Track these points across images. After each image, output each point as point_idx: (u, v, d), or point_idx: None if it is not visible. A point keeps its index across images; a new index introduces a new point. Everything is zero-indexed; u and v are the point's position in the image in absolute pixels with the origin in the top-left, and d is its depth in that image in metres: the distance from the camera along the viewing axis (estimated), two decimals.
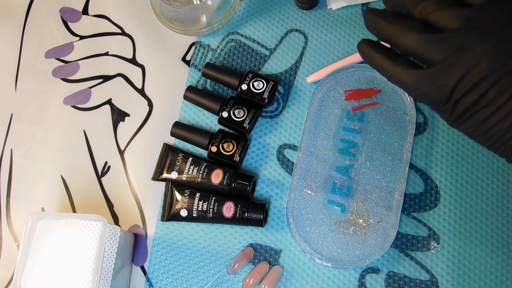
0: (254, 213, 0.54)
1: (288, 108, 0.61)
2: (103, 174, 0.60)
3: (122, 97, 0.63)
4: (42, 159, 0.62)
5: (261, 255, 0.55)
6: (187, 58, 0.64)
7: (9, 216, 0.60)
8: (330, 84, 0.59)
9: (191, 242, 0.56)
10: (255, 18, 0.65)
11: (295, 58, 0.63)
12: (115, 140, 0.62)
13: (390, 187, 0.55)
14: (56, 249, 0.50)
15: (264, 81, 0.59)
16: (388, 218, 0.54)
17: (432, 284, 0.53)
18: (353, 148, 0.56)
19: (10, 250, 0.58)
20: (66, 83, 0.65)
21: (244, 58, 0.63)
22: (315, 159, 0.57)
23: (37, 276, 0.49)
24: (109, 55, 0.66)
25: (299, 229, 0.54)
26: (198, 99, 0.60)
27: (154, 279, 0.55)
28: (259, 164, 0.59)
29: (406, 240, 0.54)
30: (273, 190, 0.57)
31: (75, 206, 0.60)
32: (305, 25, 0.64)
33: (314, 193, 0.55)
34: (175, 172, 0.57)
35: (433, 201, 0.55)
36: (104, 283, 0.50)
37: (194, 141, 0.59)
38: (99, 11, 0.68)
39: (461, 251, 0.53)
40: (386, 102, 0.58)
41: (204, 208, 0.55)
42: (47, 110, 0.64)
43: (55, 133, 0.63)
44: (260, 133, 0.60)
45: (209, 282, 0.55)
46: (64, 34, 0.67)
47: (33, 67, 0.66)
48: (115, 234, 0.52)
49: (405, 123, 0.57)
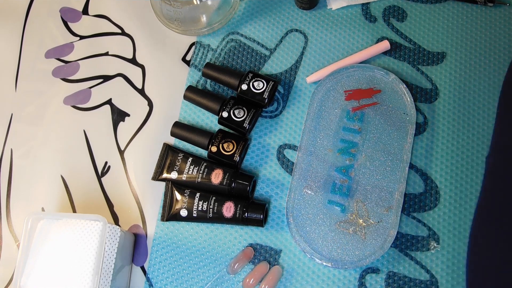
0: (254, 213, 0.54)
1: (288, 108, 0.61)
2: (103, 174, 0.60)
3: (122, 97, 0.63)
4: (42, 159, 0.62)
5: (261, 255, 0.55)
6: (187, 58, 0.64)
7: (9, 216, 0.60)
8: (330, 84, 0.59)
9: (191, 242, 0.56)
10: (255, 18, 0.65)
11: (295, 58, 0.63)
12: (115, 140, 0.62)
13: (390, 187, 0.55)
14: (56, 249, 0.50)
15: (264, 81, 0.59)
16: (388, 218, 0.54)
17: (432, 284, 0.53)
18: (353, 148, 0.56)
19: (10, 250, 0.58)
20: (66, 83, 0.65)
21: (244, 58, 0.63)
22: (315, 159, 0.57)
23: (37, 276, 0.49)
24: (109, 55, 0.66)
25: (299, 229, 0.54)
26: (198, 99, 0.60)
27: (154, 279, 0.55)
28: (259, 164, 0.59)
29: (406, 240, 0.54)
30: (273, 190, 0.57)
31: (75, 206, 0.60)
32: (305, 25, 0.64)
33: (314, 193, 0.55)
34: (175, 172, 0.57)
35: (433, 201, 0.55)
36: (104, 283, 0.50)
37: (194, 141, 0.59)
38: (99, 11, 0.68)
39: (461, 251, 0.53)
40: (386, 102, 0.58)
41: (204, 208, 0.55)
42: (47, 110, 0.64)
43: (55, 133, 0.63)
44: (260, 133, 0.60)
45: (209, 282, 0.55)
46: (64, 34, 0.67)
47: (33, 67, 0.66)
48: (115, 234, 0.52)
49: (405, 123, 0.57)
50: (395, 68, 0.61)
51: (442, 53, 0.61)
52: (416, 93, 0.59)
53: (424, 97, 0.59)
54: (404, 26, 0.63)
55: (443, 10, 0.63)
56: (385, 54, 0.61)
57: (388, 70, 0.59)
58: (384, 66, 0.61)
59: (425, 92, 0.59)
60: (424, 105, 0.59)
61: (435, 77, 0.60)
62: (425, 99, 0.59)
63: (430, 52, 0.61)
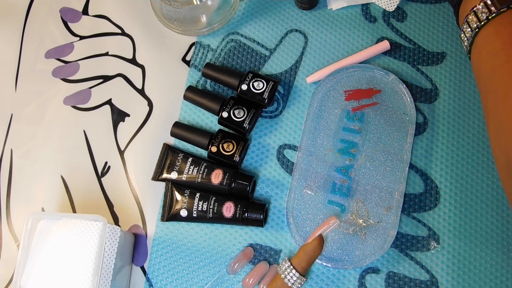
0: (254, 213, 0.54)
1: (288, 108, 0.61)
2: (103, 174, 0.60)
3: (122, 97, 0.63)
4: (42, 159, 0.62)
5: (261, 255, 0.55)
6: (187, 58, 0.64)
7: (9, 216, 0.60)
8: (330, 84, 0.59)
9: (191, 242, 0.56)
10: (255, 18, 0.65)
11: (295, 58, 0.63)
12: (115, 140, 0.62)
13: (390, 187, 0.55)
14: (56, 249, 0.50)
15: (264, 81, 0.59)
16: (388, 218, 0.54)
17: (432, 284, 0.53)
18: (353, 148, 0.57)
19: (10, 250, 0.58)
20: (66, 83, 0.65)
21: (244, 58, 0.63)
22: (315, 159, 0.57)
23: (37, 276, 0.49)
24: (109, 55, 0.66)
25: (299, 229, 0.54)
26: (198, 99, 0.60)
27: (154, 279, 0.55)
28: (259, 164, 0.59)
29: (406, 240, 0.54)
30: (273, 190, 0.57)
31: (75, 206, 0.60)
32: (305, 25, 0.64)
33: (314, 193, 0.55)
34: (175, 172, 0.57)
35: (433, 201, 0.55)
36: (104, 283, 0.50)
37: (194, 141, 0.59)
38: (99, 11, 0.68)
39: (461, 251, 0.53)
40: (386, 102, 0.58)
41: (204, 208, 0.55)
42: (47, 110, 0.64)
43: (55, 133, 0.63)
44: (260, 133, 0.60)
45: (209, 282, 0.55)
46: (64, 34, 0.67)
47: (33, 67, 0.66)
48: (115, 234, 0.52)
49: (405, 123, 0.57)
50: (395, 68, 0.61)
51: (442, 53, 0.61)
52: (416, 93, 0.59)
53: (424, 97, 0.59)
54: (404, 26, 0.63)
55: (443, 10, 0.63)
56: (385, 54, 0.61)
57: (388, 70, 0.59)
58: (384, 66, 0.61)
59: (425, 92, 0.59)
60: (424, 105, 0.59)
61: (435, 77, 0.60)
62: (425, 99, 0.59)
63: (430, 52, 0.61)
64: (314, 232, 0.50)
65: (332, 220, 0.50)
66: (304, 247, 0.50)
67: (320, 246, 0.50)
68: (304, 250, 0.50)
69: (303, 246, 0.50)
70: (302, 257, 0.49)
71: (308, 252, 0.49)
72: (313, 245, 0.49)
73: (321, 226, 0.51)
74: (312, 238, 0.50)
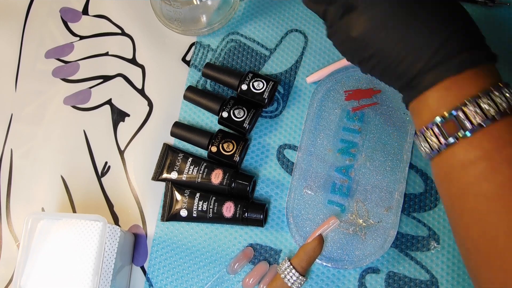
0: (254, 213, 0.54)
1: (288, 108, 0.61)
2: (103, 174, 0.60)
3: (122, 97, 0.63)
4: (42, 159, 0.62)
5: (261, 255, 0.55)
6: (187, 58, 0.64)
7: (9, 216, 0.60)
8: (330, 84, 0.59)
9: (191, 242, 0.56)
10: (255, 18, 0.65)
11: (295, 58, 0.63)
12: (115, 140, 0.62)
13: (390, 187, 0.55)
14: (56, 249, 0.50)
15: (264, 81, 0.59)
16: (388, 218, 0.54)
17: (432, 284, 0.53)
18: (353, 148, 0.57)
19: (10, 250, 0.58)
20: (66, 83, 0.65)
21: (244, 58, 0.63)
22: (315, 159, 0.57)
23: (37, 276, 0.49)
24: (109, 55, 0.66)
25: (299, 229, 0.54)
26: (198, 99, 0.60)
27: (154, 279, 0.55)
28: (259, 164, 0.59)
29: (406, 240, 0.54)
30: (273, 190, 0.57)
31: (75, 206, 0.60)
32: (305, 25, 0.64)
33: (314, 193, 0.55)
34: (175, 172, 0.57)
35: (433, 201, 0.55)
36: (104, 283, 0.50)
37: (194, 141, 0.59)
38: (99, 11, 0.68)
39: None
40: (386, 102, 0.58)
41: (204, 208, 0.55)
42: (47, 110, 0.64)
43: (55, 133, 0.63)
44: (260, 133, 0.60)
45: (209, 282, 0.55)
46: (64, 34, 0.67)
47: (33, 67, 0.66)
48: (115, 234, 0.52)
49: (405, 123, 0.57)
50: None
51: None
52: None
53: None
54: None
55: None
56: None
57: None
58: None
59: None
60: None
61: None
62: None
63: None
64: (314, 232, 0.50)
65: (332, 220, 0.50)
66: (304, 247, 0.50)
67: (320, 246, 0.50)
68: (304, 250, 0.50)
69: (303, 246, 0.50)
70: (302, 257, 0.49)
71: (308, 252, 0.49)
72: (313, 245, 0.49)
73: (321, 226, 0.51)
74: (312, 238, 0.50)
